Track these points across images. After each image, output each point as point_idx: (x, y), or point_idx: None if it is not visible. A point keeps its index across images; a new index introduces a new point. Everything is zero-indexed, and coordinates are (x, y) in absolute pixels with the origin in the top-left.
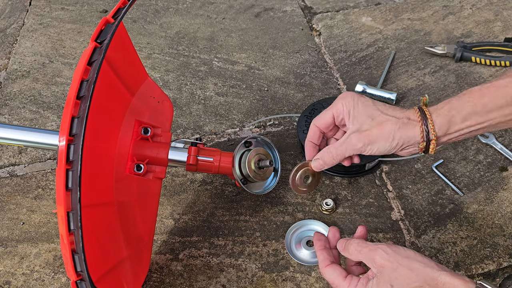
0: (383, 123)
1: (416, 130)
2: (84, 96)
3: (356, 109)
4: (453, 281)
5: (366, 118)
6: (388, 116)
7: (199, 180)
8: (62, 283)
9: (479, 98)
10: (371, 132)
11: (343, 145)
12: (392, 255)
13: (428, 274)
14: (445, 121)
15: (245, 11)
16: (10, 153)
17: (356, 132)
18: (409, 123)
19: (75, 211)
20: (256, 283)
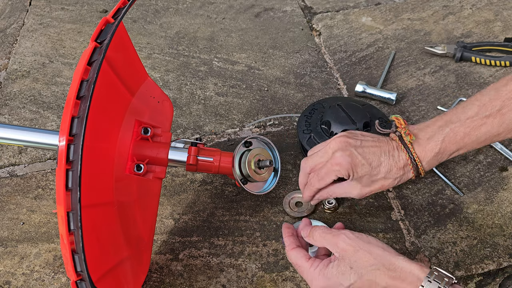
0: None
1: (408, 175)
2: (84, 96)
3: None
4: (409, 266)
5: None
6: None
7: (199, 180)
8: (62, 283)
9: (461, 139)
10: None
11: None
12: (354, 240)
13: (386, 259)
14: (433, 164)
15: (245, 11)
16: (10, 153)
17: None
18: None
19: (75, 211)
20: (256, 283)
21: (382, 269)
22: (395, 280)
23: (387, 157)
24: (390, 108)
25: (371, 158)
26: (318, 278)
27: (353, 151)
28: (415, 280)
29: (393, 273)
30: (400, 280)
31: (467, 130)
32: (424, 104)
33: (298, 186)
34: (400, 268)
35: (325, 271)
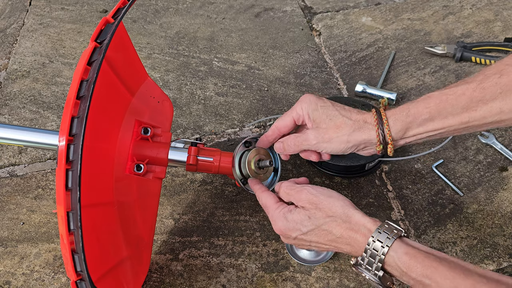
0: (339, 124)
1: (372, 133)
2: (84, 96)
3: (315, 110)
4: (363, 219)
5: (325, 118)
6: (345, 118)
7: (199, 180)
8: (62, 283)
9: (436, 105)
10: (327, 131)
11: (300, 137)
12: (316, 195)
13: (344, 212)
14: (402, 127)
15: (245, 11)
16: (10, 153)
17: (314, 129)
18: (364, 126)
19: (75, 211)
20: (256, 283)
21: (338, 221)
22: (349, 230)
23: (352, 108)
24: None
25: (335, 103)
26: (280, 219)
27: (322, 97)
28: (367, 231)
29: (348, 225)
30: (354, 231)
31: (444, 98)
32: None
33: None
34: (355, 221)
35: (287, 215)
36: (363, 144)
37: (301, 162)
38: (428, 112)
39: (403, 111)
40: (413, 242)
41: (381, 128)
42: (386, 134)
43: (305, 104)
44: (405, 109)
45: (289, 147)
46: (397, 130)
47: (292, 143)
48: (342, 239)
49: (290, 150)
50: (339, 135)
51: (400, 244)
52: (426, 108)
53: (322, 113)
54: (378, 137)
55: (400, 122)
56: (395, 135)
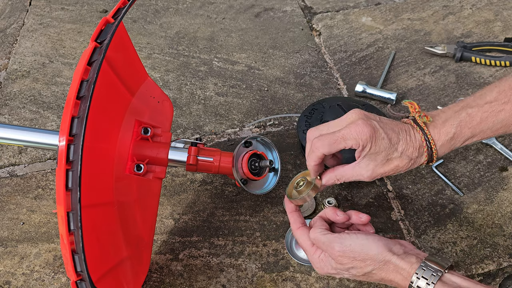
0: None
1: (422, 159)
2: (84, 96)
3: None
4: (402, 264)
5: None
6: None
7: (199, 180)
8: (62, 283)
9: (478, 124)
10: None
11: (353, 171)
12: (349, 247)
13: (380, 259)
14: (447, 149)
15: (245, 11)
16: (10, 153)
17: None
18: (419, 158)
19: (75, 211)
20: (256, 283)
21: (377, 268)
22: (389, 274)
23: (404, 135)
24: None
25: (390, 133)
26: (319, 265)
27: (375, 123)
28: (406, 275)
29: (387, 267)
30: (394, 274)
31: (485, 115)
32: (424, 104)
33: None
34: (394, 265)
35: (326, 260)
36: None
37: (301, 162)
38: (472, 133)
39: (449, 135)
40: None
41: (430, 153)
42: (434, 156)
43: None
44: (450, 133)
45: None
46: (442, 152)
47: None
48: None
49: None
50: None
51: None
52: (469, 128)
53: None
54: (426, 161)
55: (445, 147)
56: (440, 156)
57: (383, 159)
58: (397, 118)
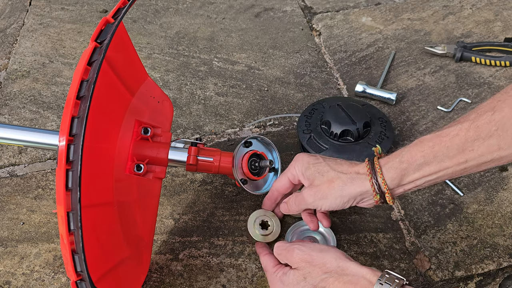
0: (332, 179)
1: (366, 184)
2: (84, 96)
3: (308, 169)
4: (361, 270)
5: (317, 175)
6: (337, 172)
7: (199, 180)
8: (62, 283)
9: (430, 148)
10: (321, 188)
11: (298, 197)
12: (307, 252)
13: (338, 265)
14: (397, 174)
15: (245, 11)
16: (10, 153)
17: (308, 187)
18: (357, 178)
19: (75, 211)
20: (256, 283)
21: (334, 276)
22: (348, 284)
23: (346, 161)
24: (390, 108)
25: (328, 158)
26: (276, 283)
27: (317, 155)
28: (367, 283)
29: (346, 278)
30: (353, 284)
31: (437, 140)
32: (424, 104)
33: None
34: (352, 273)
35: (283, 278)
36: (360, 196)
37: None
38: (423, 156)
39: (396, 157)
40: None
41: (375, 177)
42: (381, 183)
43: (298, 163)
44: (398, 155)
45: (292, 208)
46: (391, 178)
47: (293, 203)
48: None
49: (293, 210)
50: (332, 190)
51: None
52: (420, 152)
53: (314, 171)
54: (373, 187)
55: (394, 169)
56: (390, 183)
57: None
58: None
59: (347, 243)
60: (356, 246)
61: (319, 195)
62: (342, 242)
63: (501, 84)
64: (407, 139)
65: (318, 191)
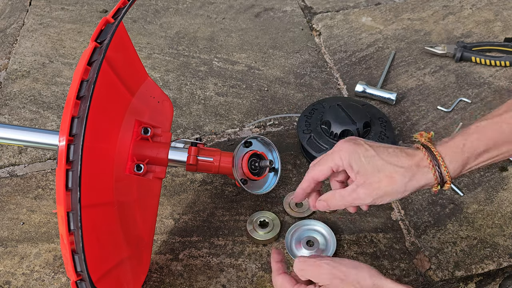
0: (391, 175)
1: (429, 176)
2: (84, 96)
3: (357, 162)
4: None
5: (373, 171)
6: (395, 167)
7: (199, 180)
8: (62, 283)
9: (492, 136)
10: (380, 185)
11: (351, 195)
12: (337, 267)
13: (374, 282)
14: (459, 164)
15: (245, 11)
16: (10, 153)
17: (364, 185)
18: (419, 171)
19: (75, 211)
20: (256, 283)
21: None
22: None
23: (397, 149)
24: (390, 108)
25: (376, 147)
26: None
27: (360, 140)
28: None
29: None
30: None
31: (496, 126)
32: (424, 104)
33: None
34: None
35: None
36: (419, 188)
37: (301, 162)
38: (484, 145)
39: (458, 147)
40: None
41: (439, 171)
42: (445, 176)
43: (344, 153)
44: (459, 144)
45: (336, 205)
46: (454, 169)
47: (340, 202)
48: None
49: (336, 207)
50: (394, 187)
51: None
52: (481, 141)
53: (367, 165)
54: (436, 179)
55: (456, 161)
56: (453, 174)
57: (373, 174)
58: None
59: (347, 243)
60: (356, 246)
61: (380, 193)
62: (342, 242)
63: (501, 84)
64: (407, 139)
65: (378, 189)
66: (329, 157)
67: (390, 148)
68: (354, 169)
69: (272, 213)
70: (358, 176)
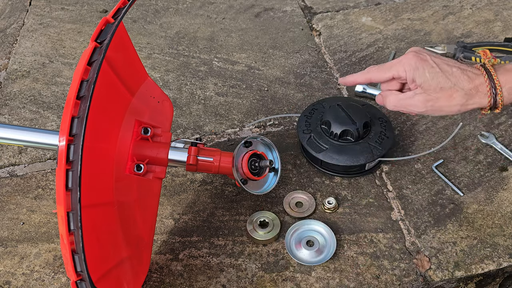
0: (451, 94)
1: (483, 101)
2: (84, 96)
3: (421, 76)
4: None
5: (435, 87)
6: (457, 87)
7: (199, 180)
8: (62, 283)
9: None
10: (438, 100)
11: (407, 101)
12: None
13: None
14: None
15: (245, 11)
16: (10, 153)
17: (422, 94)
18: (477, 94)
19: (75, 211)
20: (256, 283)
21: None
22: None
23: (460, 71)
24: None
25: (442, 64)
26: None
27: (425, 55)
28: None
29: None
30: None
31: None
32: None
33: (298, 186)
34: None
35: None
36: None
37: (301, 162)
38: None
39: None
40: None
41: (494, 98)
42: (498, 101)
43: (408, 64)
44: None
45: (390, 105)
46: (509, 99)
47: (395, 103)
48: None
49: (390, 106)
50: (451, 104)
51: None
52: None
53: (431, 80)
54: (489, 105)
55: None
56: (506, 102)
57: (435, 90)
58: None
59: (347, 243)
60: (356, 246)
61: (436, 107)
62: (342, 242)
63: None
64: (407, 139)
65: (435, 103)
66: (393, 66)
67: (454, 67)
68: (417, 82)
69: (272, 213)
70: (420, 88)
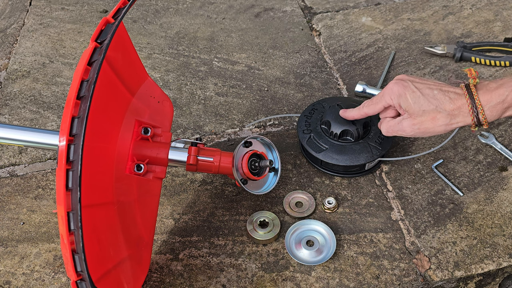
0: (435, 116)
1: (467, 120)
2: (84, 96)
3: (405, 102)
4: None
5: (418, 110)
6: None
7: (199, 180)
8: (62, 283)
9: None
10: (423, 123)
11: (396, 126)
12: None
13: None
14: (498, 113)
15: (245, 11)
16: (10, 153)
17: (408, 119)
18: (460, 114)
19: (75, 211)
20: (256, 283)
21: None
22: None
23: (442, 93)
24: None
25: (423, 89)
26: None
27: (407, 82)
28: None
29: None
30: None
31: None
32: None
33: (298, 186)
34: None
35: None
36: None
37: (301, 162)
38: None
39: (500, 97)
40: None
41: (477, 117)
42: (482, 119)
43: (394, 95)
44: (502, 95)
45: (383, 131)
46: (492, 116)
47: (387, 129)
48: None
49: (384, 132)
50: (435, 125)
51: None
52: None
53: (413, 104)
54: (474, 122)
55: (496, 110)
56: (490, 120)
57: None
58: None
59: (347, 243)
60: (356, 246)
61: (421, 129)
62: (342, 242)
63: None
64: (406, 139)
65: (421, 125)
66: (382, 97)
67: (435, 90)
68: (403, 108)
69: (272, 213)
70: (406, 113)
